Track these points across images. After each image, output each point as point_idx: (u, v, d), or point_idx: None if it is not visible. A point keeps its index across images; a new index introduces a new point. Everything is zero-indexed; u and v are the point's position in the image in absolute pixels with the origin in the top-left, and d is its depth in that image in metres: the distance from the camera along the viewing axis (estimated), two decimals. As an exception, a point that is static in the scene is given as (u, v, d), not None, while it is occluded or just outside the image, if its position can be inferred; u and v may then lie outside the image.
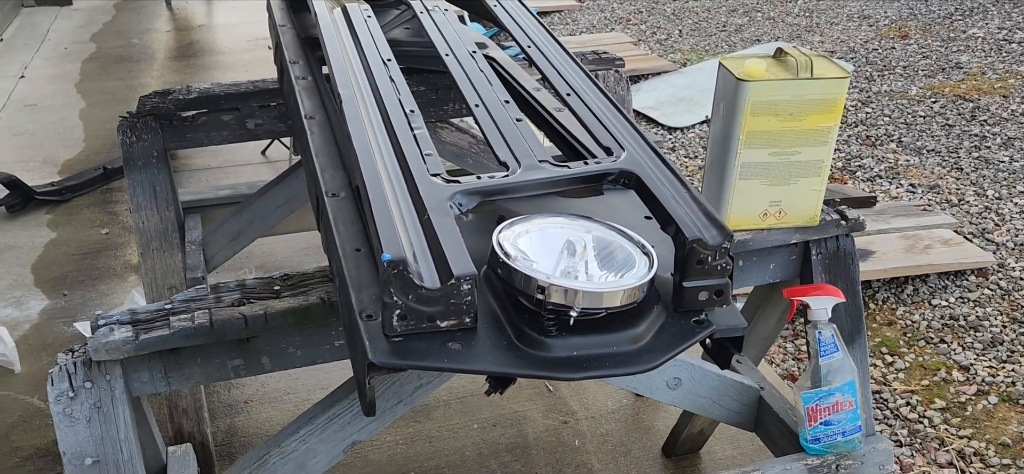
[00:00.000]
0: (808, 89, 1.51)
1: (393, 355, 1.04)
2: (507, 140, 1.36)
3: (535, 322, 1.08)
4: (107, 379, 1.34)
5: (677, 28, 6.67)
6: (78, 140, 4.52)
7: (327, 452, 1.56)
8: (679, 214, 1.18)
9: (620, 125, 1.42)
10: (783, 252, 1.70)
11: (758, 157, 1.55)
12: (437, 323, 1.06)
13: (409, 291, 1.04)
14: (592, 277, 1.14)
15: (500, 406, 2.61)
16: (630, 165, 1.29)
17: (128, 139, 2.24)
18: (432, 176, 1.25)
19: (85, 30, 6.56)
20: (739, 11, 6.97)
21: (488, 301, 1.14)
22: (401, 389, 1.56)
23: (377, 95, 1.48)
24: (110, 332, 1.32)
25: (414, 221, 1.16)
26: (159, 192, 2.28)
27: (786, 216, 1.62)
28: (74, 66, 5.72)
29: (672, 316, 1.16)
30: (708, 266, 1.14)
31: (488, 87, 1.53)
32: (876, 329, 3.18)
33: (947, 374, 2.91)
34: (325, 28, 1.68)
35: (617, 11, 7.21)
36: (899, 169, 4.23)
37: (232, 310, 1.38)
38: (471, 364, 1.05)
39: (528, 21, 1.83)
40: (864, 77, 5.38)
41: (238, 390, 2.66)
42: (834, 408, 1.64)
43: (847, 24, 6.42)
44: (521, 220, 1.19)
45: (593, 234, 1.18)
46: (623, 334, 1.10)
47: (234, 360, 1.43)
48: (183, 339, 1.35)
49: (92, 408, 1.33)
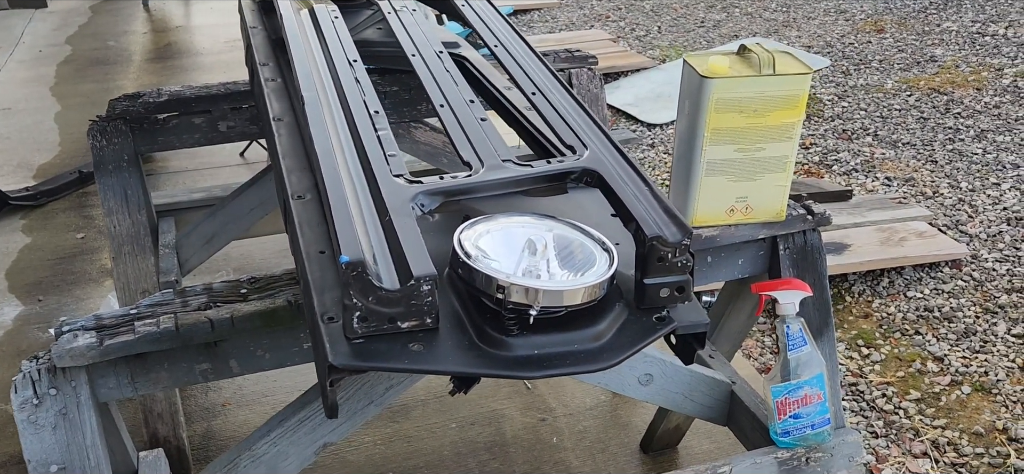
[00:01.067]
0: (771, 85, 1.52)
1: (354, 357, 1.04)
2: (471, 140, 1.37)
3: (496, 321, 1.08)
4: (72, 385, 1.33)
5: (656, 25, 6.69)
6: (53, 144, 4.49)
7: (298, 454, 1.56)
8: (639, 211, 1.19)
9: (584, 123, 1.42)
10: (751, 248, 1.72)
11: (723, 154, 1.56)
12: (398, 324, 1.07)
13: (369, 293, 1.04)
14: (553, 275, 1.14)
15: (478, 405, 2.61)
16: (592, 163, 1.30)
17: (99, 143, 2.23)
18: (395, 177, 1.25)
19: (60, 32, 6.51)
20: (717, 7, 6.99)
21: (450, 301, 1.14)
22: (371, 390, 1.56)
23: (342, 96, 1.48)
24: (74, 338, 1.31)
25: (375, 222, 1.16)
26: (131, 196, 2.26)
27: (753, 212, 1.63)
28: (49, 69, 5.68)
29: (634, 313, 1.17)
30: (668, 263, 1.15)
31: (453, 87, 1.54)
32: (852, 322, 3.21)
33: (922, 365, 2.94)
34: (290, 30, 1.68)
35: (596, 8, 7.22)
36: (875, 162, 4.27)
37: (198, 314, 1.37)
38: (433, 365, 1.05)
39: (496, 21, 1.84)
40: (841, 71, 5.42)
41: (215, 393, 2.65)
42: (803, 401, 1.66)
43: (824, 19, 6.46)
44: (482, 220, 1.19)
45: (554, 232, 1.18)
46: (585, 332, 1.11)
47: (202, 364, 1.43)
48: (149, 344, 1.34)
49: (57, 415, 1.33)
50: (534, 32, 6.81)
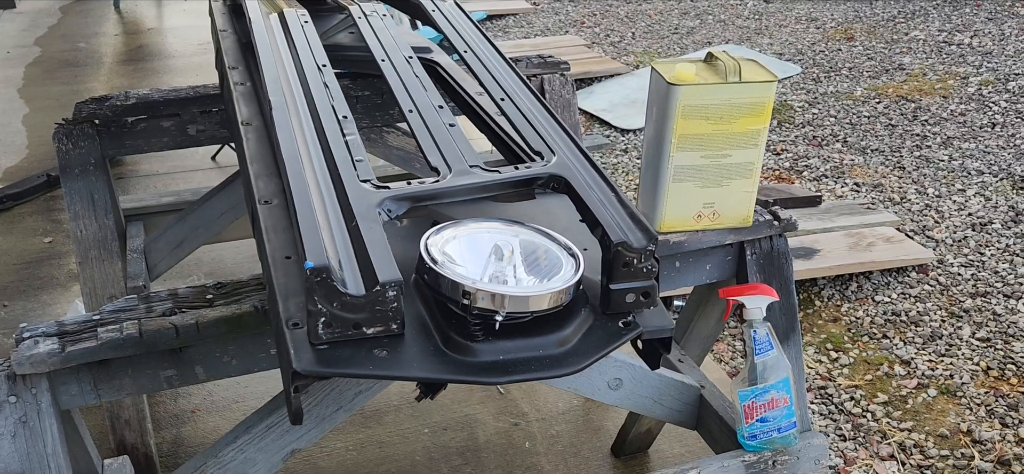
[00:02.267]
0: (737, 93, 1.53)
1: (318, 363, 1.04)
2: (439, 145, 1.37)
3: (462, 327, 1.09)
4: (33, 393, 1.32)
5: (630, 31, 6.73)
6: (21, 147, 4.43)
7: (266, 461, 1.55)
8: (605, 217, 1.19)
9: (553, 129, 1.43)
10: (719, 253, 1.73)
11: (691, 160, 1.58)
12: (363, 330, 1.06)
13: (333, 298, 1.04)
14: (519, 281, 1.14)
15: (451, 410, 2.61)
16: (559, 169, 1.30)
17: (64, 146, 2.20)
18: (362, 182, 1.25)
19: (29, 33, 6.42)
20: (690, 14, 7.05)
21: (417, 307, 1.14)
22: (340, 396, 1.56)
23: (310, 101, 1.47)
24: (35, 344, 1.30)
25: (341, 228, 1.16)
26: (97, 200, 2.24)
27: (720, 217, 1.65)
28: (17, 71, 5.60)
29: (600, 318, 1.17)
30: (633, 268, 1.16)
31: (422, 92, 1.54)
32: (822, 326, 3.24)
33: (889, 368, 2.98)
34: (258, 33, 1.67)
35: (571, 14, 7.25)
36: (844, 168, 4.32)
37: (162, 320, 1.36)
38: (398, 371, 1.05)
39: (466, 26, 1.84)
40: (811, 78, 5.48)
41: (184, 400, 2.63)
42: (769, 405, 1.67)
43: (795, 27, 6.53)
44: (449, 225, 1.19)
45: (520, 238, 1.19)
46: (550, 337, 1.11)
47: (167, 371, 1.41)
48: (112, 350, 1.33)
49: (17, 423, 1.31)
50: (510, 37, 6.83)
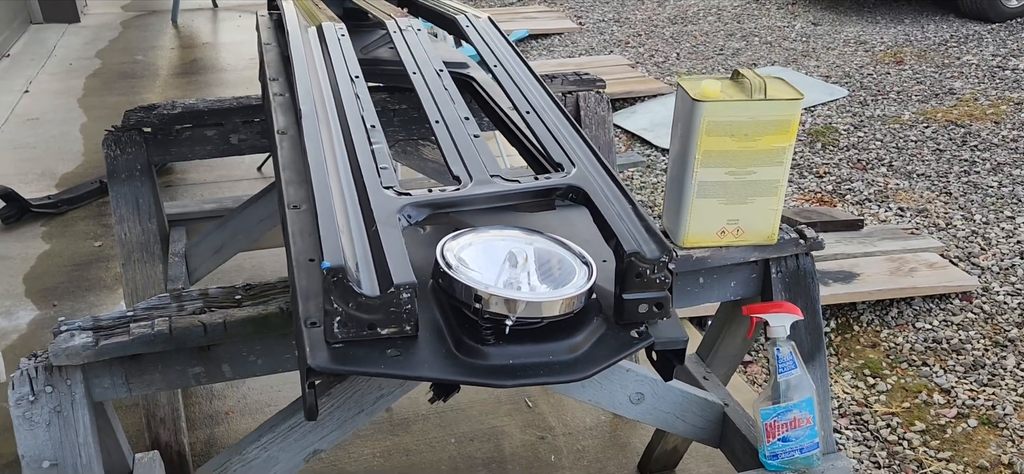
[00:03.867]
0: (762, 110, 1.54)
1: (333, 360, 1.07)
2: (462, 155, 1.40)
3: (473, 331, 1.11)
4: (68, 384, 1.37)
5: (675, 51, 6.72)
6: (77, 154, 4.58)
7: (288, 460, 1.58)
8: (620, 228, 1.21)
9: (574, 143, 1.45)
10: (743, 270, 1.73)
11: (715, 176, 1.58)
12: (378, 331, 1.09)
13: (349, 298, 1.07)
14: (533, 288, 1.16)
15: (478, 421, 2.63)
16: (578, 181, 1.32)
17: (112, 152, 2.29)
18: (384, 188, 1.28)
19: (91, 46, 6.65)
20: (737, 35, 7.01)
21: (433, 311, 1.17)
22: (362, 399, 1.59)
23: (341, 110, 1.51)
24: (70, 337, 1.35)
25: (362, 232, 1.19)
26: (141, 204, 2.32)
27: (744, 234, 1.65)
28: (78, 81, 5.80)
29: (612, 328, 1.19)
30: (647, 279, 1.17)
31: (450, 104, 1.57)
32: (860, 351, 3.19)
33: (928, 397, 2.92)
34: (294, 46, 1.72)
35: (616, 34, 7.27)
36: (889, 193, 4.25)
37: (192, 318, 1.41)
38: (409, 370, 1.07)
39: (498, 43, 1.87)
40: (858, 102, 5.41)
41: (219, 401, 2.69)
42: (792, 424, 1.66)
43: (843, 49, 6.45)
44: (466, 232, 1.22)
45: (535, 246, 1.21)
46: (561, 343, 1.13)
47: (195, 367, 1.46)
48: (143, 346, 1.38)
49: (52, 412, 1.36)
50: (554, 56, 6.86)
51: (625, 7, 8.10)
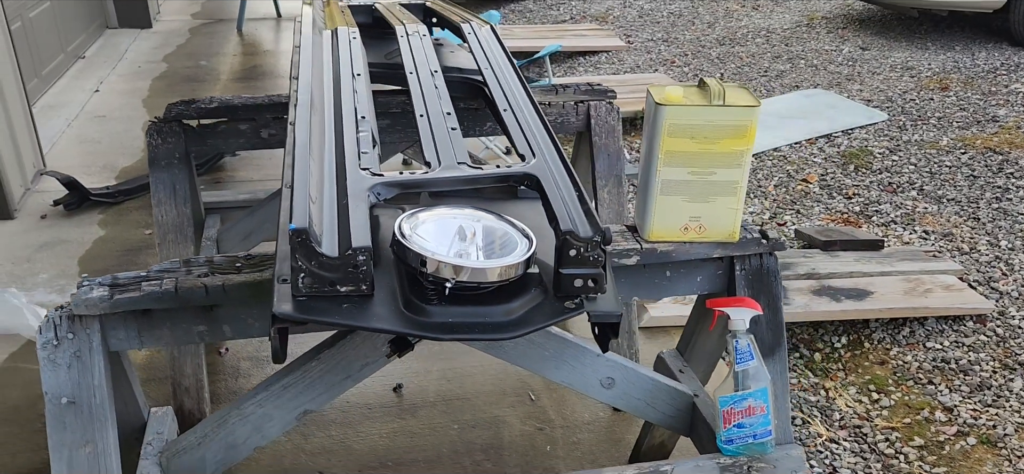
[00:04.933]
0: (720, 115, 1.66)
1: (294, 310, 1.24)
2: (437, 144, 1.56)
3: (419, 291, 1.26)
4: (87, 332, 1.57)
5: (719, 72, 6.79)
6: (137, 150, 4.89)
7: (281, 418, 1.75)
8: (560, 210, 1.35)
9: (541, 137, 1.60)
10: (709, 266, 1.84)
11: (677, 175, 1.71)
12: (337, 288, 1.26)
13: (312, 257, 1.23)
14: (477, 258, 1.31)
15: (482, 410, 2.77)
16: (533, 170, 1.47)
17: (154, 141, 2.52)
18: (361, 169, 1.45)
19: (160, 51, 7.04)
20: (783, 58, 7.05)
21: (390, 277, 1.33)
22: (349, 365, 1.75)
23: (338, 103, 1.69)
24: (90, 290, 1.55)
25: (333, 204, 1.36)
26: (178, 190, 2.54)
27: (706, 231, 1.77)
28: (144, 83, 6.17)
29: (549, 299, 1.33)
30: (581, 256, 1.31)
31: (436, 101, 1.73)
32: (867, 367, 3.24)
33: (930, 414, 2.96)
34: (304, 47, 1.91)
35: (663, 53, 7.37)
36: (916, 216, 4.27)
37: (196, 280, 1.60)
38: (359, 321, 1.24)
39: (493, 50, 2.03)
40: (897, 126, 5.41)
41: (244, 380, 2.89)
42: (747, 412, 1.77)
43: (889, 74, 6.44)
44: (424, 209, 1.38)
45: (483, 223, 1.36)
46: (497, 308, 1.28)
47: (199, 326, 1.65)
48: (152, 301, 1.57)
49: (73, 356, 1.56)
50: (599, 73, 7.00)
51: (675, 27, 8.20)
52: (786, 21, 8.16)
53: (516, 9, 9.20)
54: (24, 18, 5.56)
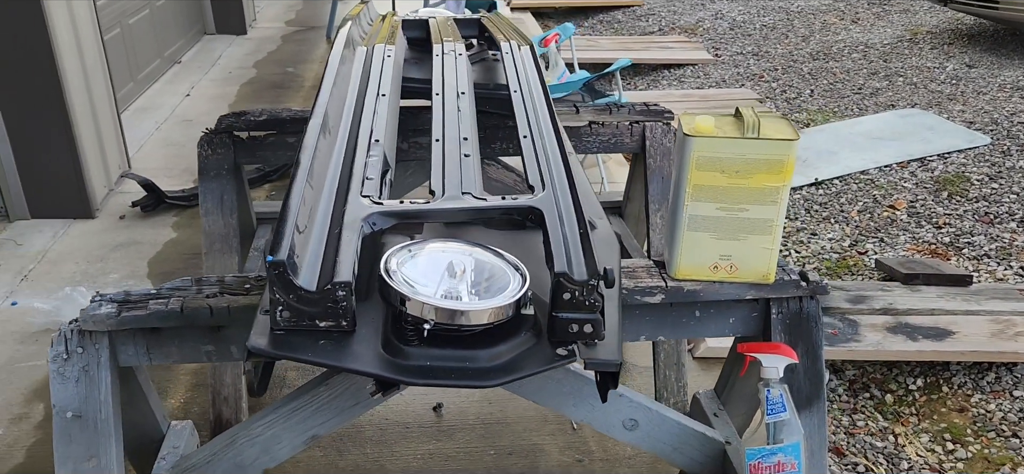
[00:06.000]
0: (754, 149, 1.54)
1: (269, 344, 1.19)
2: (445, 172, 1.50)
3: (399, 332, 1.20)
4: (95, 347, 1.57)
5: (809, 88, 6.51)
6: (218, 154, 5.02)
7: (290, 441, 1.72)
8: (557, 249, 1.26)
9: (556, 167, 1.51)
10: (742, 308, 1.72)
11: (706, 210, 1.59)
12: (316, 323, 1.21)
13: (289, 291, 1.19)
14: (469, 298, 1.24)
15: (521, 437, 2.70)
16: (539, 203, 1.39)
17: (205, 152, 2.55)
18: (362, 197, 1.40)
19: (251, 57, 7.25)
20: (880, 75, 6.70)
21: (376, 313, 1.27)
22: (358, 392, 1.71)
23: (355, 124, 1.65)
24: (98, 306, 1.56)
25: (324, 233, 1.31)
26: (226, 201, 2.56)
27: (738, 271, 1.65)
28: (233, 88, 6.36)
29: (541, 343, 1.25)
30: (575, 300, 1.22)
31: (454, 125, 1.67)
32: (944, 414, 3.01)
33: (1011, 470, 2.71)
34: (330, 65, 1.88)
35: (752, 68, 7.12)
36: (1013, 250, 3.95)
37: (202, 300, 1.58)
38: (333, 360, 1.18)
39: (527, 71, 1.96)
40: (1000, 151, 5.04)
41: (287, 390, 2.90)
42: (776, 468, 1.64)
43: (997, 95, 6.03)
44: (412, 243, 1.32)
45: (476, 258, 1.29)
46: (483, 351, 1.20)
47: (207, 346, 1.63)
48: (158, 320, 1.56)
49: (81, 370, 1.57)
50: (683, 87, 6.83)
51: (767, 40, 7.93)
52: (887, 35, 7.77)
53: (603, 20, 9.09)
54: (123, 25, 5.81)
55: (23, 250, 3.86)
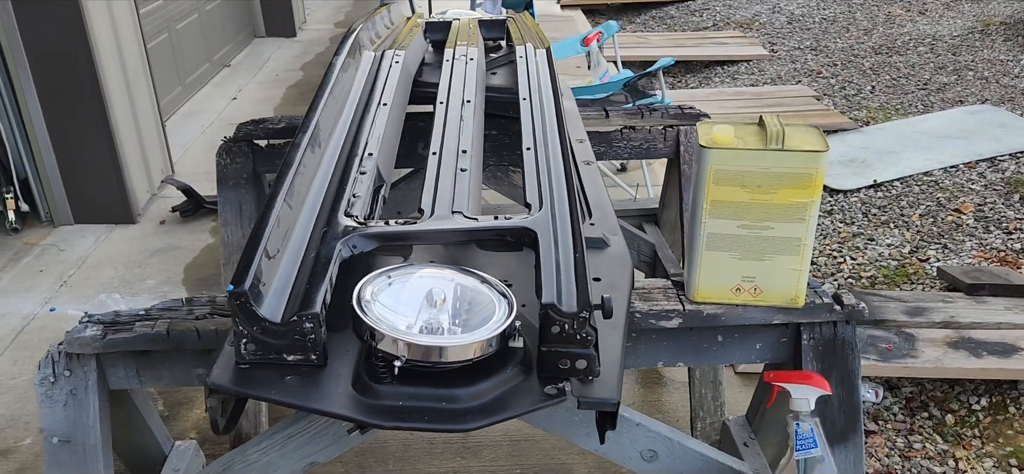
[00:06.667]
0: (778, 161, 1.40)
1: (231, 380, 1.11)
2: (437, 189, 1.39)
3: (370, 369, 1.10)
4: (83, 370, 1.52)
5: (870, 84, 6.23)
6: (260, 158, 5.02)
7: (287, 468, 1.64)
8: (548, 277, 1.15)
9: (557, 184, 1.40)
10: (770, 333, 1.57)
11: (725, 228, 1.46)
12: (284, 356, 1.12)
13: (253, 322, 1.10)
14: (449, 330, 1.14)
15: (549, 455, 2.58)
16: (533, 224, 1.27)
17: (223, 161, 2.50)
18: (345, 216, 1.31)
19: (299, 59, 7.28)
20: (947, 69, 6.37)
21: (350, 346, 1.17)
22: (357, 419, 1.62)
23: (351, 136, 1.56)
24: (84, 328, 1.50)
25: (298, 257, 1.22)
26: (244, 210, 2.51)
27: (763, 294, 1.50)
28: (279, 91, 6.37)
29: (529, 380, 1.13)
30: (566, 334, 1.11)
31: (454, 137, 1.57)
32: (1011, 437, 2.79)
33: (1084, 501, 2.49)
34: (331, 74, 1.79)
35: (809, 63, 6.86)
36: (1089, 258, 3.68)
37: (191, 323, 1.51)
38: (296, 399, 1.09)
39: (540, 78, 1.84)
40: (1077, 150, 4.72)
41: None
42: (806, 510, 1.49)
43: (1076, 88, 5.67)
44: (393, 268, 1.21)
45: (458, 285, 1.18)
46: (462, 389, 1.09)
47: (197, 368, 1.56)
48: (145, 343, 1.50)
49: (69, 394, 1.52)
50: (736, 84, 6.60)
51: (827, 35, 7.63)
52: (956, 27, 7.39)
53: (656, 16, 8.88)
54: (171, 30, 5.87)
55: (65, 255, 3.89)
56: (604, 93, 3.94)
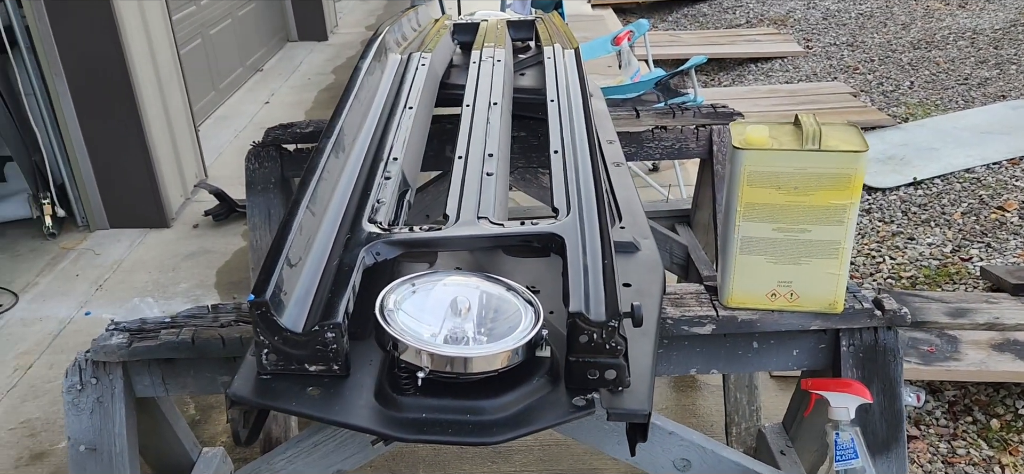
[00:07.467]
0: (814, 162, 1.35)
1: (255, 391, 1.09)
2: (463, 194, 1.36)
3: (393, 380, 1.08)
4: (110, 378, 1.51)
5: (908, 80, 6.09)
6: (292, 162, 5.04)
7: (313, 476, 1.63)
8: (575, 285, 1.11)
9: (586, 188, 1.36)
10: (807, 339, 1.52)
11: (760, 232, 1.41)
12: (306, 367, 1.10)
13: (274, 332, 1.08)
14: (474, 339, 1.11)
15: (581, 459, 2.55)
16: (561, 229, 1.24)
17: (252, 165, 2.49)
18: (369, 222, 1.28)
19: (330, 63, 7.31)
20: (989, 63, 6.21)
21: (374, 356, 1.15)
22: (384, 427, 1.60)
23: (376, 140, 1.54)
24: (110, 336, 1.49)
25: (321, 265, 1.20)
26: (273, 215, 2.50)
27: (799, 300, 1.45)
28: (311, 95, 6.40)
29: (557, 391, 1.10)
30: (594, 343, 1.07)
31: (480, 141, 1.54)
32: (1058, 444, 2.69)
33: None
34: (354, 77, 1.77)
35: (846, 59, 6.73)
36: None
37: (216, 330, 1.50)
38: (318, 411, 1.07)
39: (568, 78, 1.80)
40: None
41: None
42: (846, 523, 1.44)
43: (1123, 81, 5.49)
44: (418, 276, 1.19)
45: (484, 293, 1.15)
46: (487, 401, 1.06)
47: (223, 376, 1.55)
48: (170, 351, 1.49)
49: (95, 402, 1.51)
50: (771, 81, 6.50)
51: (863, 30, 7.48)
52: (998, 20, 7.21)
53: (689, 13, 8.79)
54: (204, 35, 5.92)
55: (100, 260, 3.94)
56: (635, 92, 3.89)
